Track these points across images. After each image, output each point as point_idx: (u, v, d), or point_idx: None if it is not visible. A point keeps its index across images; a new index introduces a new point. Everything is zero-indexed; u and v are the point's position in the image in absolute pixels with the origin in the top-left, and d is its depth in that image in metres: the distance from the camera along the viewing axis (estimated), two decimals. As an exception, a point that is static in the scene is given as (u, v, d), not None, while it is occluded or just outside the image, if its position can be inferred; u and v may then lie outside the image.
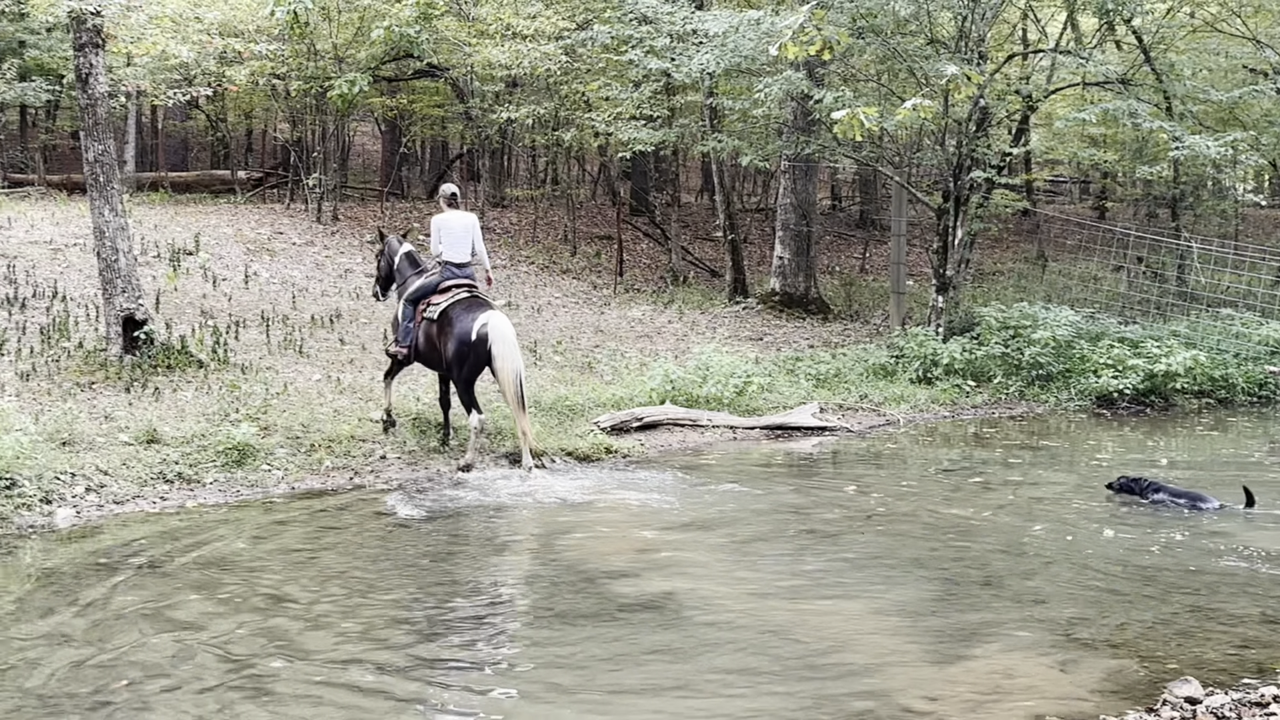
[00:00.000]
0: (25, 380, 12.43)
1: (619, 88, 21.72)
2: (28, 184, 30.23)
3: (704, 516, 10.20)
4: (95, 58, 13.09)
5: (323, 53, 23.74)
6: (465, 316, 11.95)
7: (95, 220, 13.29)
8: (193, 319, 15.69)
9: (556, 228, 26.71)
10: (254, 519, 9.96)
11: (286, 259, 20.36)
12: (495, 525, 9.92)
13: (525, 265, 22.67)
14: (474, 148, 29.32)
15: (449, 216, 12.57)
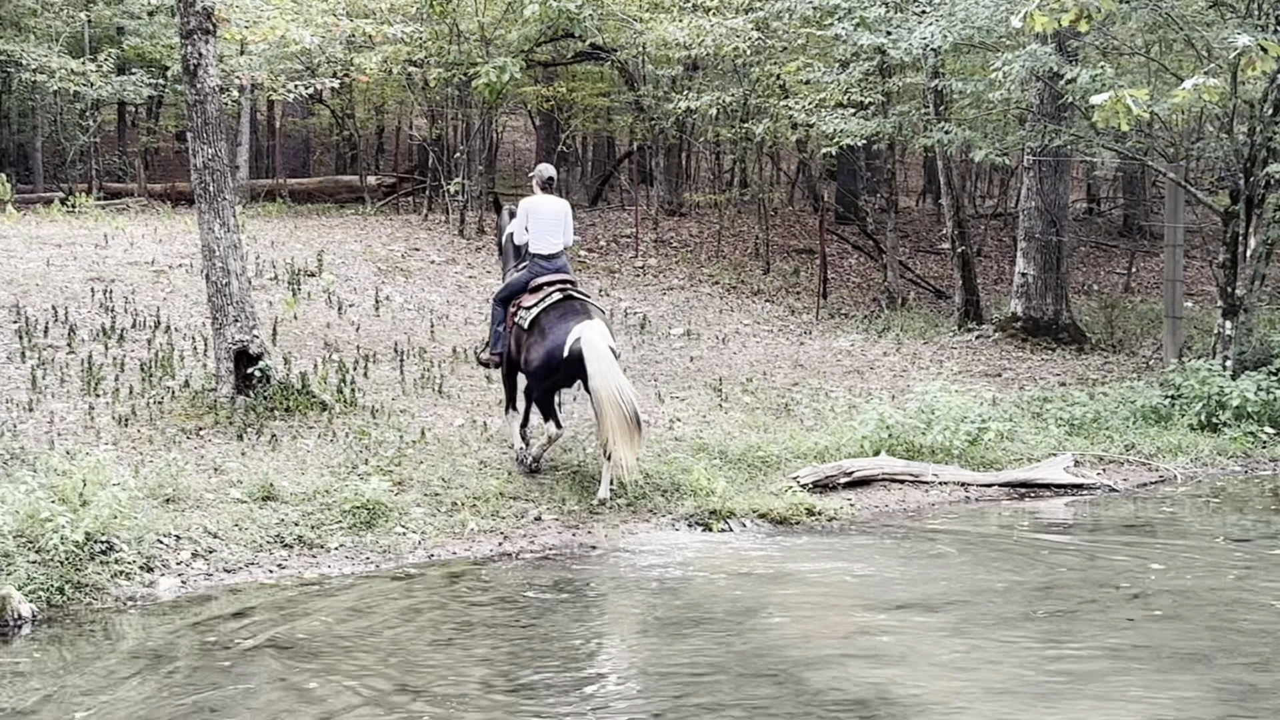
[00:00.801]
0: (124, 425, 12.94)
1: (822, 69, 21.72)
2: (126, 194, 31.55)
3: (928, 594, 10.08)
4: (205, 46, 13.61)
5: (467, 34, 24.28)
6: (558, 327, 12.41)
7: (204, 237, 13.79)
8: (315, 352, 16.15)
9: (746, 240, 26.77)
10: (386, 591, 10.18)
11: (424, 280, 20.83)
12: (670, 601, 9.96)
13: (708, 285, 22.78)
14: (646, 144, 29.63)
15: (541, 201, 13.12)
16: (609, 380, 12.04)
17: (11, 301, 16.83)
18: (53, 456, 11.17)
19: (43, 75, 28.29)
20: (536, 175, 13.46)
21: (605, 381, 12.03)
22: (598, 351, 12.12)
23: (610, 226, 27.19)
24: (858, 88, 21.49)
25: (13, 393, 13.61)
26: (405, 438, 13.13)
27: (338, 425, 13.44)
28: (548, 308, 12.63)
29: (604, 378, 12.04)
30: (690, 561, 11.12)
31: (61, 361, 14.77)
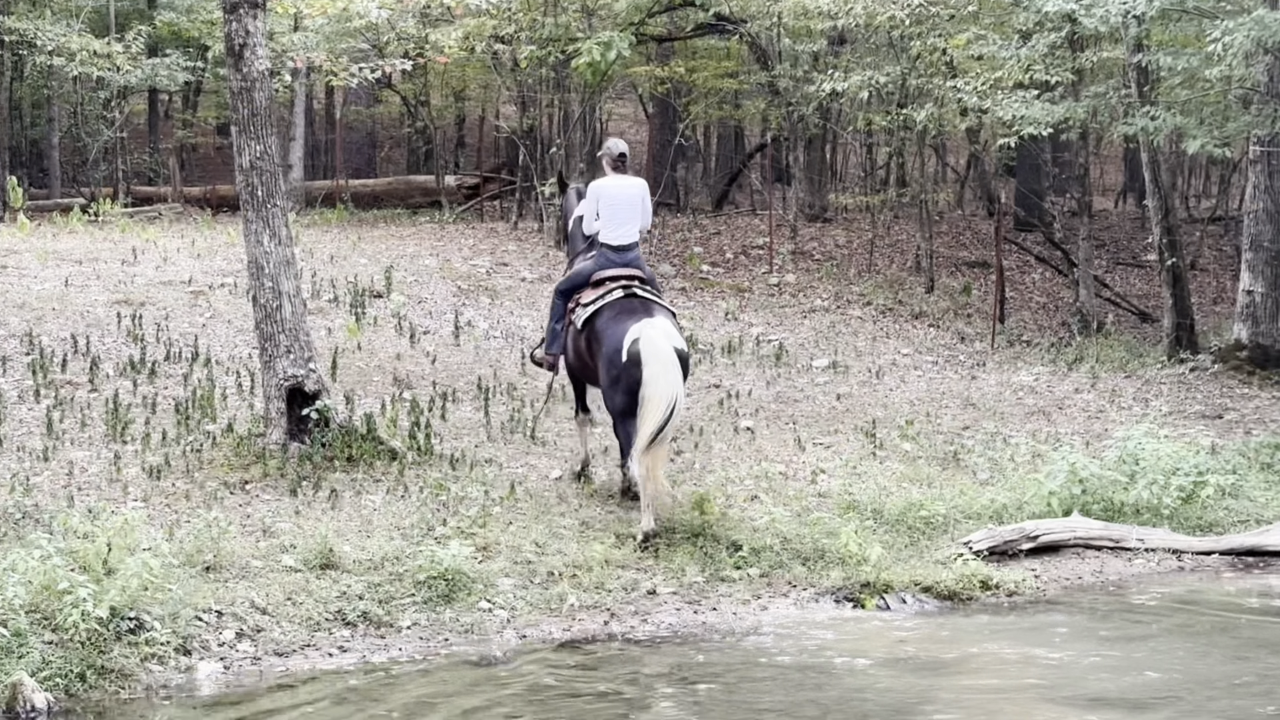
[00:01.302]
0: (155, 478, 13.13)
1: (999, 41, 21.61)
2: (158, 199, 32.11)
3: (1134, 687, 9.95)
4: (253, 21, 13.80)
5: (566, 3, 24.45)
6: (615, 327, 12.89)
7: (250, 251, 13.96)
8: (382, 390, 16.29)
9: (904, 251, 26.68)
10: (468, 681, 10.21)
11: (513, 301, 20.97)
12: (813, 696, 9.90)
13: (858, 307, 22.72)
14: (781, 135, 29.66)
15: (614, 184, 13.66)
16: (663, 388, 12.40)
17: (24, 329, 17.17)
18: (72, 515, 11.34)
19: (60, 58, 28.86)
20: (606, 153, 13.95)
21: (658, 389, 12.40)
22: (657, 352, 12.51)
23: (739, 235, 27.22)
24: (1042, 64, 21.32)
25: (25, 439, 13.86)
26: (491, 493, 13.19)
27: (410, 478, 13.53)
28: (604, 306, 13.12)
29: (658, 384, 12.41)
30: (837, 645, 11.05)
31: (82, 401, 15.03)
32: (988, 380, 19.09)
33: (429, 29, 25.11)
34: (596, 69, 22.04)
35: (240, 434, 14.13)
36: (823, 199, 29.71)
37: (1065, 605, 12.27)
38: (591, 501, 13.43)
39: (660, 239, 26.11)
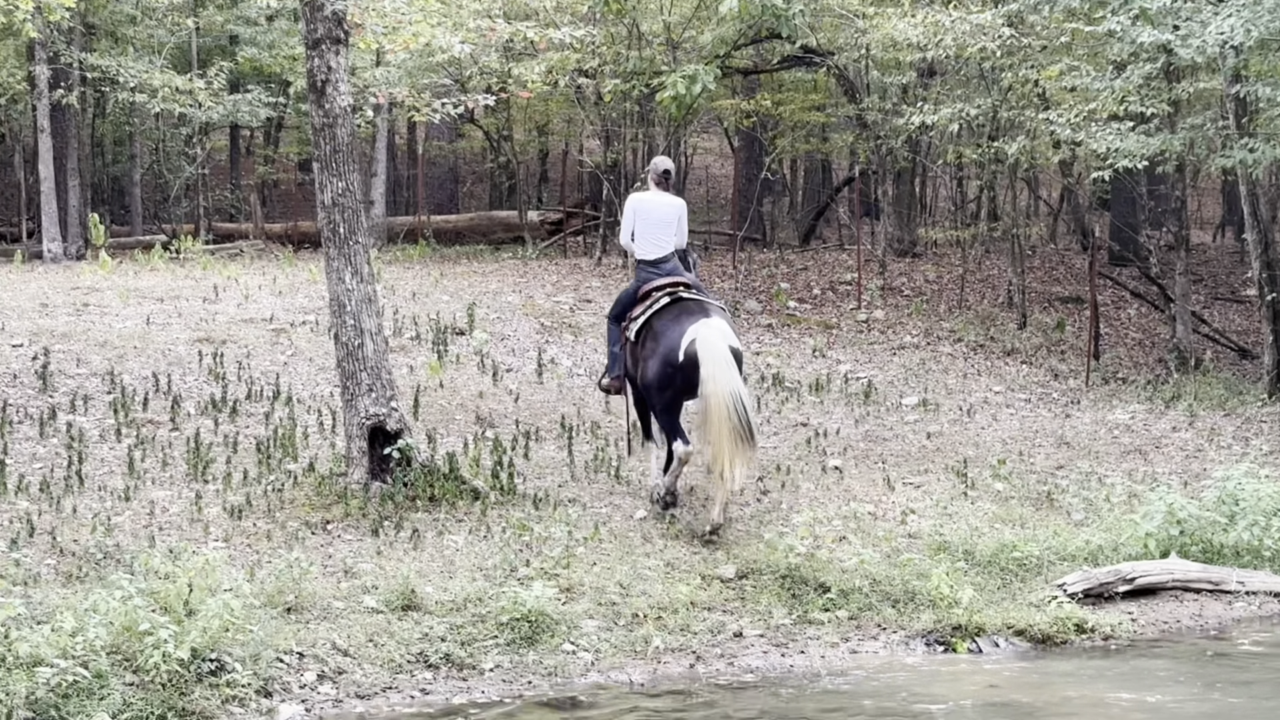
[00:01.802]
0: (237, 518, 13.23)
1: (1092, 73, 21.52)
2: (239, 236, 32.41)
3: (1236, 738, 9.85)
4: (335, 58, 13.93)
5: (650, 37, 24.56)
6: (671, 330, 13.55)
7: (332, 288, 14.07)
8: (465, 428, 16.35)
9: (996, 286, 26.56)
10: (551, 724, 10.23)
11: (596, 339, 21.00)
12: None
13: (948, 343, 22.63)
14: (870, 169, 29.62)
15: (652, 199, 14.38)
16: (722, 384, 13.02)
17: (106, 368, 17.34)
18: (153, 556, 11.45)
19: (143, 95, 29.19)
20: (652, 169, 14.66)
21: (718, 385, 13.01)
22: (714, 352, 13.13)
23: (826, 271, 27.19)
24: (1137, 96, 21.22)
25: (106, 478, 14.00)
26: (575, 534, 13.21)
27: (493, 518, 13.57)
28: (657, 311, 13.81)
29: (716, 381, 13.03)
30: (928, 690, 11.00)
31: (163, 440, 15.17)
32: (1082, 418, 18.96)
33: (512, 63, 25.26)
34: (681, 103, 22.09)
35: (322, 473, 14.22)
36: (912, 233, 29.63)
37: (1163, 649, 12.17)
38: (676, 542, 13.43)
39: (746, 275, 26.13)
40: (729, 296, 24.00)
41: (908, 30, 21.81)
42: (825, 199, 35.80)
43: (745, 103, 29.36)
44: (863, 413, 18.38)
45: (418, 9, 15.09)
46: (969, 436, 17.69)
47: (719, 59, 24.01)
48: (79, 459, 14.18)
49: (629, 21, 24.12)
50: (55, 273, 25.71)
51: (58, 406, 15.99)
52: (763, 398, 18.45)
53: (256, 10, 30.95)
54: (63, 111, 30.02)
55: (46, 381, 16.66)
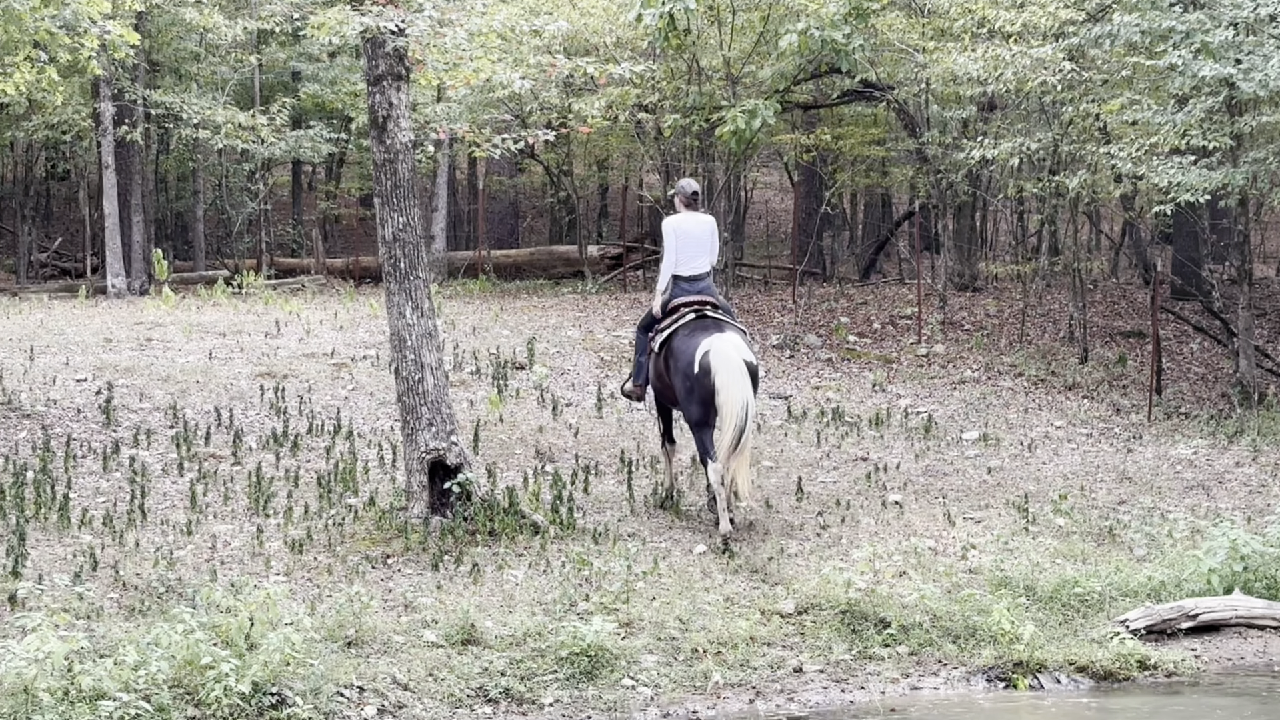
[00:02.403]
0: (297, 552, 13.29)
1: (1154, 107, 21.44)
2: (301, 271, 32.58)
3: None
4: (397, 94, 14.03)
5: (710, 72, 24.61)
6: (688, 343, 14.36)
7: (393, 323, 14.14)
8: (525, 463, 16.39)
9: (1057, 321, 26.46)
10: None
11: (656, 373, 21.03)
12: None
13: (1009, 378, 22.54)
14: (930, 203, 29.58)
15: (689, 220, 15.06)
16: (735, 393, 13.93)
17: (168, 402, 17.47)
18: (215, 590, 11.51)
19: (206, 131, 29.42)
20: (679, 192, 15.34)
21: (730, 394, 13.93)
22: (727, 362, 14.02)
23: (886, 305, 27.16)
24: (1199, 130, 21.12)
25: (168, 512, 14.09)
26: (634, 568, 13.21)
27: (552, 552, 13.60)
28: (678, 328, 14.60)
29: (729, 389, 13.95)
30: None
31: (225, 474, 15.27)
32: (1144, 454, 18.85)
33: (572, 98, 25.38)
34: (741, 137, 22.15)
35: (382, 508, 14.27)
36: (972, 268, 29.56)
37: (1227, 687, 12.08)
38: (736, 577, 13.43)
39: (806, 309, 26.11)
40: (789, 331, 24.01)
41: (968, 64, 21.80)
42: (885, 233, 35.77)
43: (805, 137, 29.37)
44: (923, 447, 18.33)
45: (478, 45, 15.16)
46: (1030, 471, 17.62)
47: (779, 93, 24.05)
48: (142, 493, 14.29)
49: (689, 56, 24.17)
50: (119, 308, 25.93)
51: (121, 441, 16.13)
52: (822, 432, 18.44)
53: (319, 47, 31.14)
54: (127, 148, 30.30)
55: (110, 416, 16.81)
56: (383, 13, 13.54)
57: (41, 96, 24.81)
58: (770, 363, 22.11)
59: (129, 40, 16.93)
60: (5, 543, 12.61)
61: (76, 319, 23.36)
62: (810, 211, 32.50)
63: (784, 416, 19.33)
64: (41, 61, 17.64)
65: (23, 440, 16.17)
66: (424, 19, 13.86)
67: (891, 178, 33.00)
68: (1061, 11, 21.68)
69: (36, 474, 14.62)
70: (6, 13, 15.54)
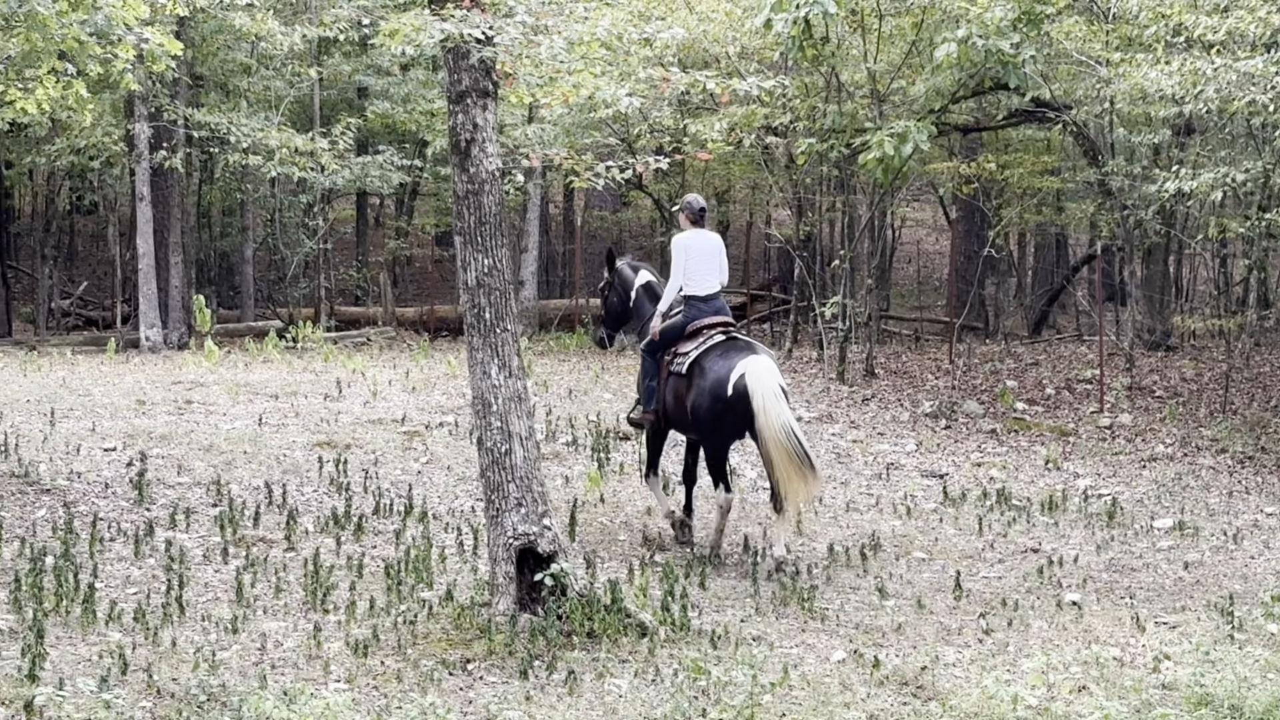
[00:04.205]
0: (362, 655, 13.31)
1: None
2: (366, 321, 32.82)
3: None
4: (483, 113, 14.06)
5: (852, 88, 24.60)
6: (719, 365, 15.72)
7: (475, 384, 14.14)
8: (629, 551, 16.37)
9: (1267, 386, 26.23)
10: None
11: (786, 446, 21.00)
12: None
13: (1209, 454, 22.36)
14: (1113, 245, 29.44)
15: (700, 238, 16.53)
16: (773, 416, 15.28)
17: (211, 476, 17.60)
18: (265, 699, 11.53)
19: (257, 156, 29.72)
20: (686, 207, 16.69)
21: (769, 418, 15.27)
22: (764, 385, 15.38)
23: (1061, 366, 27.04)
24: None
25: (211, 606, 14.16)
26: (760, 678, 13.14)
27: (662, 658, 13.54)
28: (708, 349, 15.95)
29: (767, 414, 15.28)
30: None
31: (277, 561, 15.34)
32: (1375, 547, 18.65)
33: (688, 119, 25.46)
34: (889, 165, 22.13)
35: (461, 603, 14.26)
36: (1165, 322, 29.38)
37: None
38: (882, 690, 13.34)
39: (965, 370, 26.03)
40: (944, 396, 23.93)
41: (1160, 80, 21.66)
42: (1060, 281, 35.64)
43: (964, 165, 29.33)
44: (1105, 537, 18.20)
45: (579, 56, 15.20)
46: (1235, 568, 17.45)
47: (933, 114, 24.02)
48: (179, 583, 14.35)
49: (827, 70, 24.21)
50: (154, 364, 26.22)
51: (155, 521, 16.26)
52: (984, 518, 18.34)
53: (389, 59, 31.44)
54: (165, 176, 30.65)
55: (143, 492, 16.96)
56: (467, 18, 13.57)
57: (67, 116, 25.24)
58: (923, 434, 22.04)
59: (170, 50, 17.13)
60: (21, 640, 12.68)
61: (104, 377, 23.63)
62: (970, 254, 32.42)
63: (939, 498, 19.24)
64: (68, 75, 17.86)
65: (42, 520, 16.35)
66: (515, 25, 13.87)
67: (1068, 214, 32.89)
68: (1274, 17, 21.55)
69: (57, 559, 14.74)
70: (29, 18, 15.71)
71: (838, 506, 18.71)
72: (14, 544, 15.37)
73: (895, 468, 20.60)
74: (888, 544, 17.28)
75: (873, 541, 17.19)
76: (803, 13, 21.03)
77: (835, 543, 16.98)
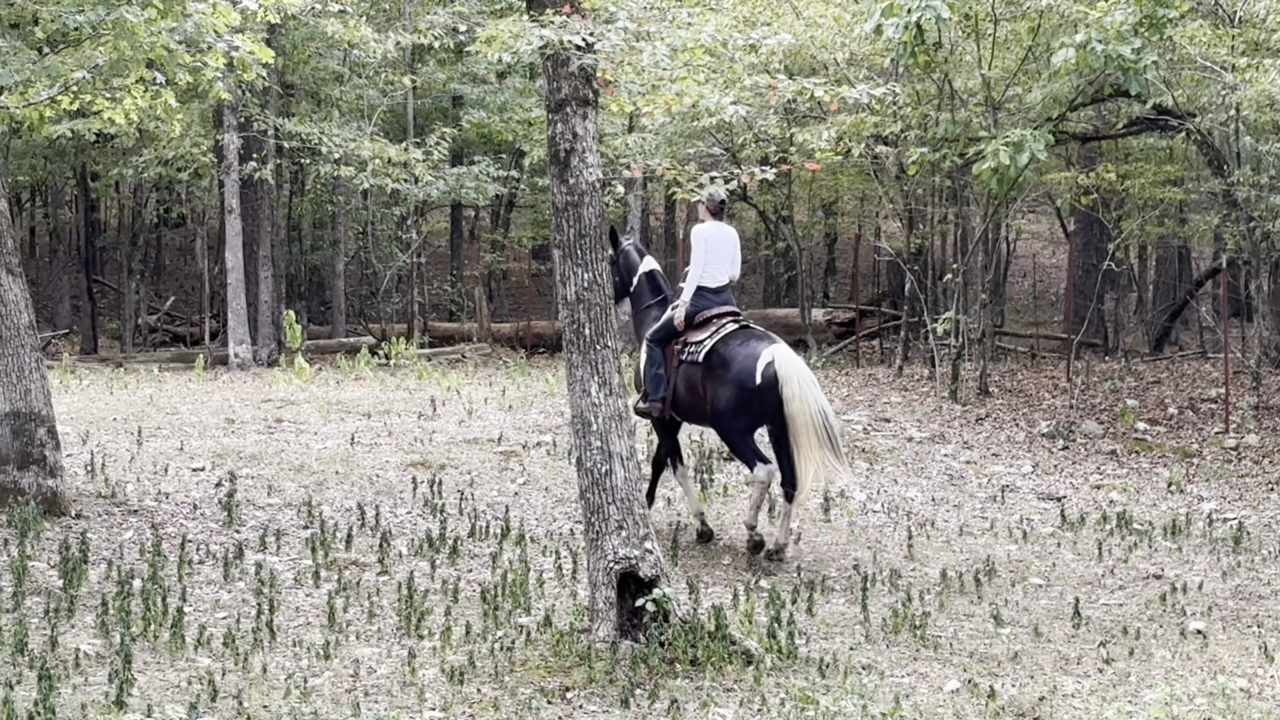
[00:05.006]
0: (457, 682, 13.33)
1: None
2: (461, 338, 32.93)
3: None
4: (583, 122, 14.08)
5: (965, 95, 24.54)
6: (741, 352, 16.35)
7: (574, 402, 14.15)
8: (734, 575, 16.36)
9: (1404, 406, 26.00)
10: None
11: (897, 467, 20.95)
12: None
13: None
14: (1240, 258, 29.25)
15: (718, 230, 17.23)
16: (811, 402, 15.99)
17: (302, 498, 17.69)
18: (357, 726, 11.60)
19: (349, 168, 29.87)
20: (709, 199, 17.02)
21: (806, 404, 15.96)
22: (797, 370, 16.09)
23: (1185, 385, 26.87)
24: None
25: (302, 631, 14.22)
26: (870, 708, 13.12)
27: (768, 687, 13.52)
28: (724, 338, 16.58)
29: (805, 400, 15.96)
30: None
31: (370, 585, 15.39)
32: None
33: (794, 128, 25.44)
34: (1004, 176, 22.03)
35: (560, 629, 14.28)
36: (1300, 341, 29.16)
37: None
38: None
39: (1084, 389, 25.89)
40: (1062, 416, 23.82)
41: (1293, 85, 21.55)
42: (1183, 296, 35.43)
43: (1082, 176, 29.19)
44: (1232, 563, 18.07)
45: (681, 63, 15.22)
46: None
47: (1050, 122, 23.92)
48: (270, 607, 14.42)
49: (939, 77, 24.16)
50: (243, 382, 26.38)
51: (245, 544, 16.35)
52: (1104, 543, 18.23)
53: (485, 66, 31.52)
54: (254, 188, 30.85)
55: (232, 513, 17.06)
56: (567, 24, 13.60)
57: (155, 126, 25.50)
58: (1039, 455, 21.93)
59: (260, 58, 17.25)
60: (108, 665, 12.78)
61: (192, 395, 23.80)
62: (1088, 268, 32.27)
63: (1056, 522, 19.15)
64: (156, 84, 18.00)
65: (129, 542, 16.47)
66: (617, 32, 13.89)
67: (1191, 226, 32.70)
68: None
69: (145, 583, 14.83)
70: (117, 26, 15.85)
71: (951, 530, 18.65)
72: (101, 566, 15.49)
73: (1010, 490, 20.52)
74: (1003, 569, 17.21)
75: (987, 566, 17.13)
76: (914, 17, 20.94)
77: (948, 568, 16.92)
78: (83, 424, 21.70)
